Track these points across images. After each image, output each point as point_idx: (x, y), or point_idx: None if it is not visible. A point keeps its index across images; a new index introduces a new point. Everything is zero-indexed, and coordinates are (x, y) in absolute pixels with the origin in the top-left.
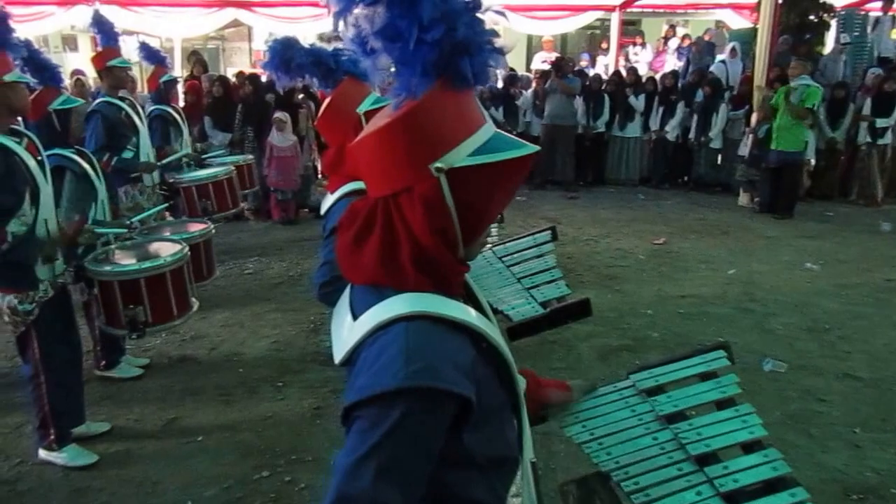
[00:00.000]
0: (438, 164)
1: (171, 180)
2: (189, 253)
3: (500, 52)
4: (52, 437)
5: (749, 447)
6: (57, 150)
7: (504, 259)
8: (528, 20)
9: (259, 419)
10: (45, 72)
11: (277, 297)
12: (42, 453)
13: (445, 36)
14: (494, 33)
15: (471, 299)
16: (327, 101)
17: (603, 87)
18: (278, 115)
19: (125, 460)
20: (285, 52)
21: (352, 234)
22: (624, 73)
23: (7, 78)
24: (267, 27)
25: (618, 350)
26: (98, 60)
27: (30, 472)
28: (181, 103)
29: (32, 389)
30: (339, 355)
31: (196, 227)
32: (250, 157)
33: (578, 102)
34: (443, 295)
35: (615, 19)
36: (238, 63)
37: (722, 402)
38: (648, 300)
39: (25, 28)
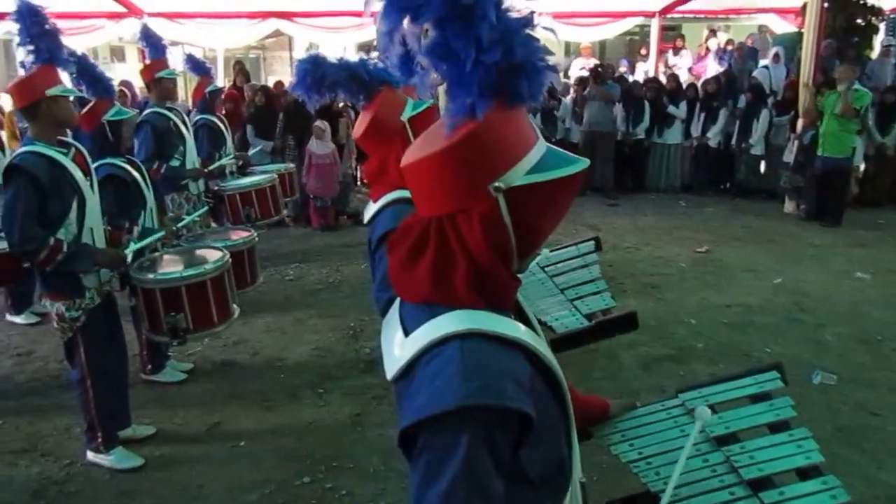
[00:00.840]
0: (497, 184)
1: (216, 188)
2: (230, 260)
3: (554, 69)
4: (100, 439)
5: (805, 473)
6: (109, 160)
7: (547, 269)
8: (566, 27)
9: (300, 425)
10: (99, 84)
11: (318, 303)
12: (90, 455)
13: (503, 57)
14: (548, 51)
15: (519, 314)
16: (368, 114)
17: (643, 94)
18: (318, 123)
19: (170, 464)
20: (316, 71)
21: (404, 251)
22: (664, 79)
23: (54, 91)
24: (307, 37)
25: (661, 360)
26: (147, 72)
27: (78, 474)
28: (221, 111)
29: (80, 393)
30: (391, 371)
31: (240, 235)
32: (291, 165)
33: (618, 109)
34: (494, 311)
35: (655, 25)
36: (279, 72)
37: (776, 425)
38: (692, 309)
39: (76, 41)
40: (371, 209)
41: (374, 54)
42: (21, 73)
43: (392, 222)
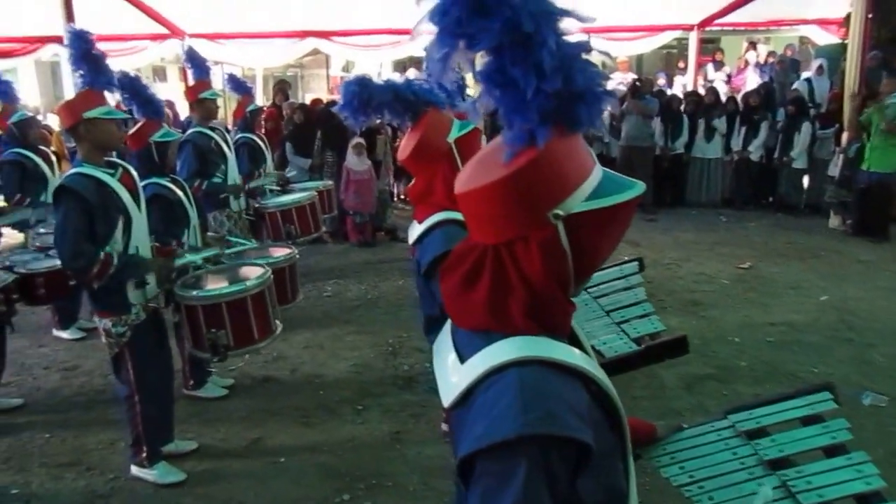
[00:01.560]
0: (557, 212)
1: (257, 205)
2: (271, 277)
3: (613, 94)
4: (144, 454)
5: (866, 500)
6: (154, 179)
7: (590, 290)
8: (603, 41)
9: (339, 442)
10: (150, 106)
11: (356, 319)
12: (134, 469)
13: (564, 85)
14: (605, 76)
15: (572, 339)
16: (415, 136)
17: (681, 108)
18: (357, 140)
19: (212, 479)
20: (363, 93)
21: (458, 278)
22: (703, 92)
23: (92, 114)
24: (344, 55)
25: (704, 379)
26: (191, 93)
27: (122, 488)
28: (261, 130)
29: (127, 409)
30: (447, 398)
31: (281, 252)
32: (330, 182)
33: (656, 123)
34: (550, 337)
35: (693, 38)
36: (316, 89)
37: (832, 449)
38: (735, 327)
39: (121, 62)
40: (416, 230)
41: (412, 71)
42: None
43: (443, 244)
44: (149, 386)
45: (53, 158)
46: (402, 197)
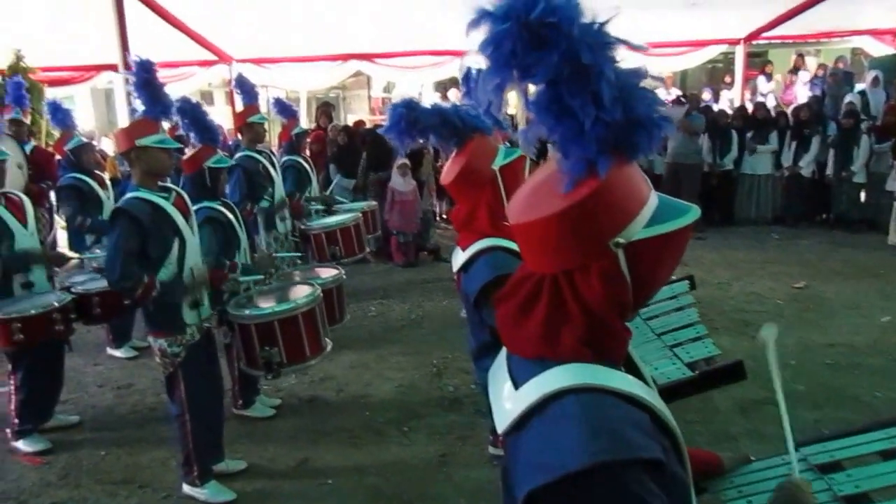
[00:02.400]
0: (618, 240)
1: (302, 227)
2: (321, 295)
3: (670, 121)
4: (196, 472)
5: None
6: (206, 203)
7: (640, 312)
8: (647, 57)
9: (386, 463)
10: (207, 133)
11: (401, 339)
12: (186, 488)
13: (624, 114)
14: (662, 102)
15: (630, 366)
16: (460, 161)
17: (729, 123)
18: (402, 161)
19: (261, 499)
20: (410, 115)
21: (514, 307)
22: (750, 107)
23: (147, 141)
24: (385, 76)
25: (759, 403)
26: (240, 118)
27: None
28: (306, 152)
29: (179, 427)
30: (501, 424)
31: (327, 273)
32: (374, 203)
33: (703, 139)
34: (606, 365)
35: (740, 52)
36: (357, 110)
37: None
38: (791, 349)
39: (171, 88)
40: (461, 256)
41: (453, 92)
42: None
43: (489, 272)
44: (200, 405)
45: (108, 182)
46: (445, 217)
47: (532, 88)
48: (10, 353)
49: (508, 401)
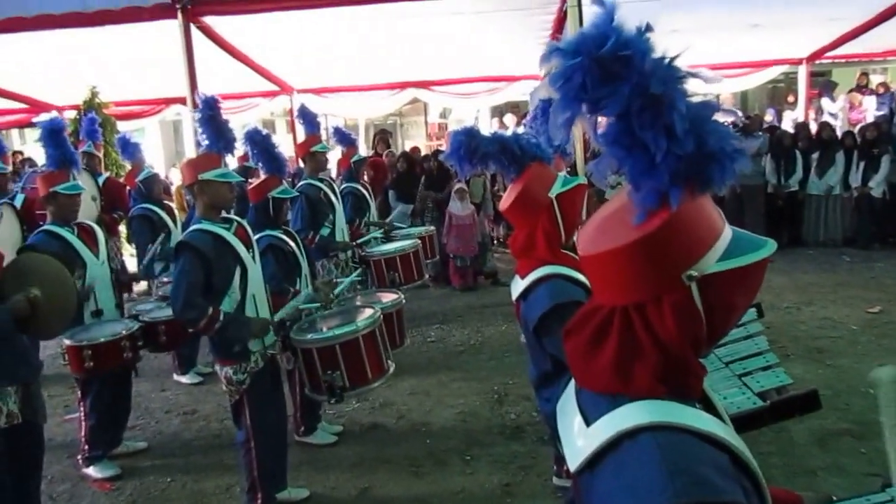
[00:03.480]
0: (691, 273)
1: (362, 253)
2: (381, 317)
3: (744, 153)
4: (260, 500)
5: None
6: (268, 231)
7: None
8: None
9: (449, 493)
10: (274, 163)
11: (461, 365)
12: None
13: (696, 147)
14: (738, 136)
15: (704, 401)
16: (517, 187)
17: (793, 143)
18: (459, 185)
19: None
20: (470, 142)
21: (583, 340)
22: (814, 126)
23: (210, 175)
24: (442, 103)
25: (838, 435)
26: (303, 147)
27: None
28: (364, 179)
29: (244, 454)
30: (573, 462)
31: (388, 297)
32: (432, 228)
33: (766, 160)
34: (680, 401)
35: (803, 72)
36: (414, 136)
37: None
38: (868, 378)
39: (235, 118)
40: (519, 285)
41: (509, 117)
42: (192, 153)
43: (549, 300)
44: (265, 432)
45: (176, 211)
46: (502, 241)
47: (602, 121)
48: (80, 379)
49: (580, 437)
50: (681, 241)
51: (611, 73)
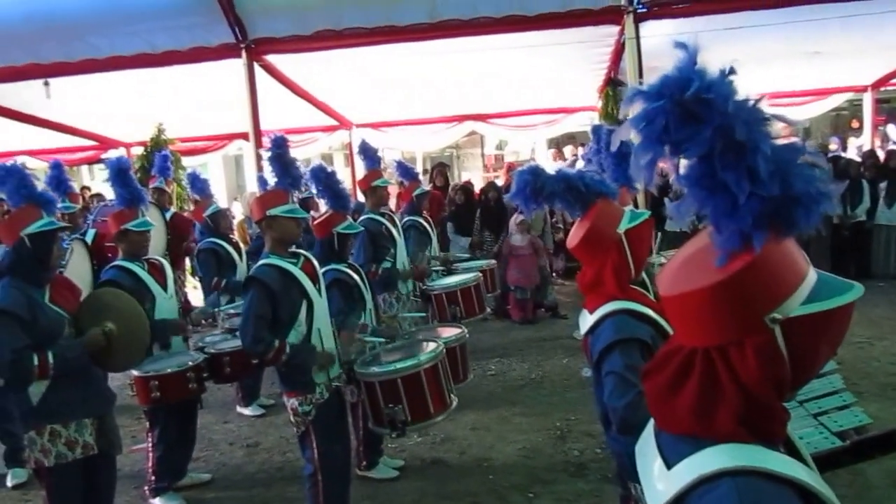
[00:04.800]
0: (775, 316)
1: (424, 287)
2: (444, 351)
3: (830, 197)
4: None
5: None
6: (333, 265)
7: None
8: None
9: None
10: (339, 200)
11: (522, 399)
12: None
13: (781, 190)
14: (825, 179)
15: (787, 445)
16: (584, 225)
17: (860, 172)
18: (521, 218)
19: None
20: (535, 182)
21: (663, 381)
22: (882, 155)
23: (277, 211)
24: (498, 135)
25: None
26: (364, 182)
27: None
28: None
29: (309, 487)
30: None
31: (450, 332)
32: (493, 261)
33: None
34: (763, 446)
35: (868, 99)
36: (471, 167)
37: None
38: None
39: (295, 152)
40: (588, 320)
41: (568, 149)
42: (253, 187)
43: (614, 334)
44: (331, 464)
45: (241, 245)
46: (561, 273)
47: (683, 162)
48: (148, 410)
49: (661, 481)
50: (764, 284)
51: (693, 116)
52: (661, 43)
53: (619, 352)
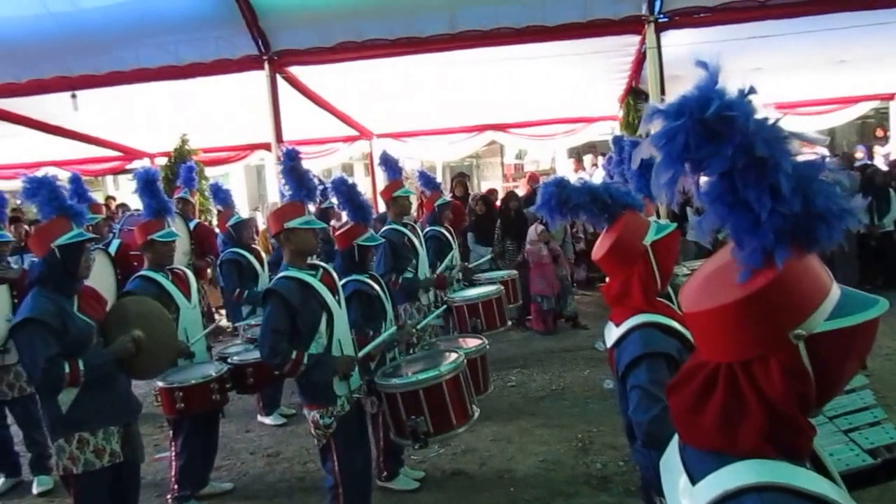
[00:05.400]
0: (798, 332)
1: (445, 299)
2: (465, 362)
3: (854, 213)
4: None
5: None
6: (354, 276)
7: None
8: (792, 116)
9: None
10: (359, 211)
11: (543, 411)
12: None
13: (803, 206)
14: (847, 195)
15: (813, 461)
16: (611, 236)
17: (887, 181)
18: (542, 229)
19: None
20: (561, 193)
21: (688, 396)
22: None
23: (294, 223)
24: (518, 144)
25: None
26: (386, 192)
27: None
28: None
29: (331, 499)
30: None
31: (471, 343)
32: (514, 272)
33: (857, 199)
34: (789, 461)
35: (894, 107)
36: (490, 177)
37: None
38: None
39: (316, 163)
40: (614, 332)
41: (588, 158)
42: (274, 196)
43: (641, 348)
44: (352, 476)
45: (263, 255)
46: (607, 302)
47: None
48: (171, 420)
49: (685, 497)
50: (787, 300)
51: (714, 134)
52: (682, 52)
53: (645, 366)
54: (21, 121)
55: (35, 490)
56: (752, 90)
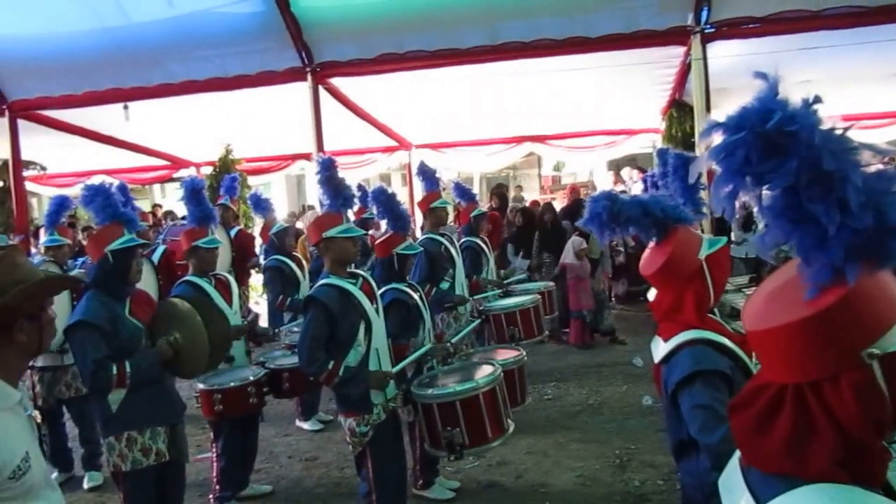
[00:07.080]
0: (872, 351)
1: (481, 308)
2: (502, 375)
3: None
4: None
5: None
6: (393, 285)
7: None
8: (858, 131)
9: None
10: (399, 221)
11: (579, 425)
12: None
13: (875, 221)
14: None
15: (887, 490)
16: (664, 252)
17: None
18: (581, 242)
19: None
20: (612, 207)
21: (752, 417)
22: None
23: (333, 233)
24: (557, 156)
25: None
26: (423, 203)
27: None
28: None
29: None
30: None
31: (509, 354)
32: (552, 283)
33: None
34: (860, 486)
35: None
36: (528, 188)
37: None
38: None
39: (355, 173)
40: (662, 348)
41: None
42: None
43: (693, 365)
44: (386, 485)
45: (304, 263)
46: (655, 317)
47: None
48: (211, 422)
49: None
50: (859, 319)
51: (776, 148)
52: (729, 63)
53: (700, 384)
54: (77, 131)
55: (86, 485)
56: (817, 99)
